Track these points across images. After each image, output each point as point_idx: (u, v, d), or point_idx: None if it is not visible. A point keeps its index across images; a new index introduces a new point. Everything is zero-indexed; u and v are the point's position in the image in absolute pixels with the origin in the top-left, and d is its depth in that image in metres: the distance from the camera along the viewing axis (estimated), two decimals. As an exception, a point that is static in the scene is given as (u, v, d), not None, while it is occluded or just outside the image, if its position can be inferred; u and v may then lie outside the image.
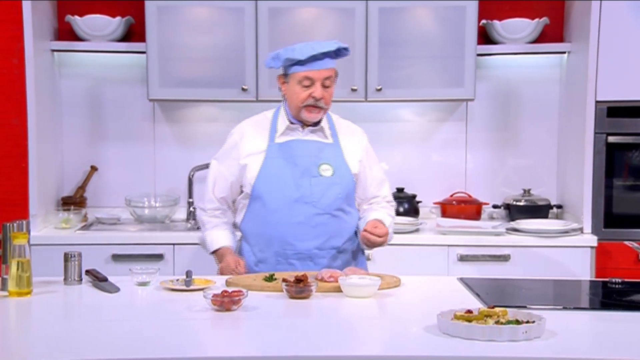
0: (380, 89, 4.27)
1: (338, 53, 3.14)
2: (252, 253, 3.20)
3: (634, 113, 4.12)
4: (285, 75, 3.14)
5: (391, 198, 3.33)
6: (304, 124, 3.17)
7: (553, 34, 4.53)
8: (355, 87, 4.26)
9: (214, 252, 3.23)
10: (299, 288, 2.66)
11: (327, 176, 3.13)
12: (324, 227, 3.12)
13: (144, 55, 4.30)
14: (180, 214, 4.54)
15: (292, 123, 3.16)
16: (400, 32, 4.25)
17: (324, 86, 3.08)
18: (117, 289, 2.79)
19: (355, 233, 3.22)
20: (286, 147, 3.15)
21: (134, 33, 4.52)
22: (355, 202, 3.24)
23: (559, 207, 4.49)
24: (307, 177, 3.12)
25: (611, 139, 4.14)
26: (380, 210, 3.22)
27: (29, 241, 2.74)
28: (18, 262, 2.68)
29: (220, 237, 3.22)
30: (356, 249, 3.24)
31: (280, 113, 3.20)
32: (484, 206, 4.54)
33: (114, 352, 2.13)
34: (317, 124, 3.18)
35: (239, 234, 3.29)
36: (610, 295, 2.85)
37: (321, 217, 3.11)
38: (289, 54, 3.08)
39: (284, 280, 2.71)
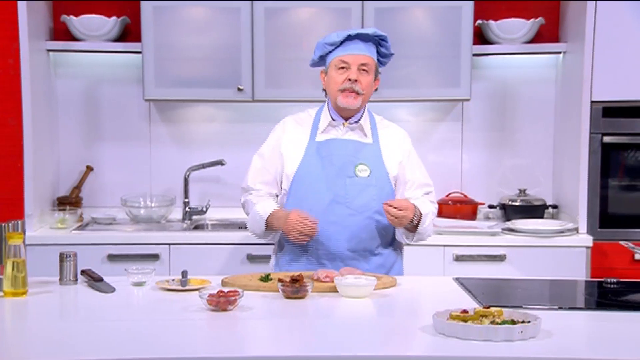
0: (376, 89, 4.25)
1: (380, 49, 3.16)
2: (285, 251, 3.20)
3: (630, 113, 4.13)
4: (326, 67, 3.16)
5: (434, 199, 3.24)
6: (344, 118, 3.16)
7: (548, 34, 4.54)
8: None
9: (267, 223, 3.09)
10: (295, 288, 2.66)
11: (363, 177, 3.10)
12: (357, 229, 3.09)
13: (139, 55, 4.30)
14: (176, 214, 4.54)
15: (333, 119, 3.16)
16: (396, 32, 4.24)
17: (361, 71, 3.09)
18: (112, 289, 2.78)
19: (394, 236, 3.18)
20: (325, 146, 3.14)
21: (130, 33, 4.51)
22: None
23: (555, 207, 4.50)
24: (343, 177, 3.10)
25: (607, 139, 4.14)
26: (420, 199, 3.14)
27: (24, 241, 2.73)
28: (13, 262, 2.67)
29: (269, 204, 3.13)
30: (393, 253, 3.20)
31: (323, 110, 3.21)
32: (479, 206, 4.54)
33: (109, 352, 2.13)
34: (357, 121, 3.17)
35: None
36: (606, 295, 2.85)
37: (354, 219, 3.09)
38: (326, 39, 3.13)
39: (280, 280, 2.71)
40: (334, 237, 3.09)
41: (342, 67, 3.10)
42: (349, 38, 3.11)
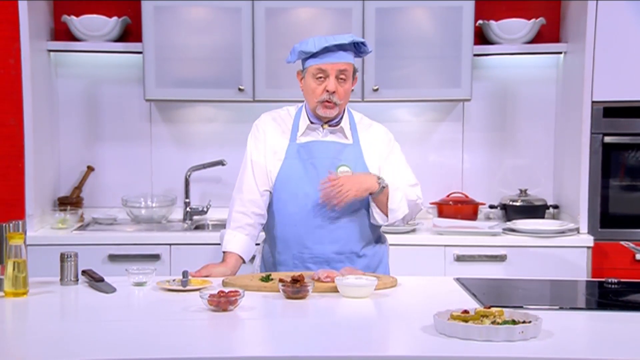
0: (377, 89, 4.27)
1: (358, 49, 3.10)
2: (271, 254, 3.19)
3: (630, 113, 4.13)
4: (303, 70, 3.12)
5: (419, 193, 3.14)
6: (323, 122, 3.13)
7: (549, 34, 4.54)
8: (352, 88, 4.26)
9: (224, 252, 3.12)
10: (296, 288, 2.66)
11: None
12: (342, 231, 3.08)
13: (140, 55, 4.30)
14: (177, 214, 4.54)
15: (312, 122, 3.13)
16: (396, 32, 4.25)
17: (339, 79, 3.05)
18: (113, 290, 2.78)
19: (378, 235, 3.18)
20: (305, 149, 3.11)
21: (131, 33, 4.52)
22: None
23: (556, 207, 4.50)
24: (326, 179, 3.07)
25: (607, 139, 4.14)
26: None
27: (25, 241, 2.73)
28: (14, 263, 2.67)
29: (233, 240, 3.10)
30: (378, 253, 3.19)
31: (302, 111, 3.17)
32: (480, 206, 4.54)
33: (110, 352, 2.13)
34: (337, 123, 3.14)
35: (263, 234, 3.24)
36: (607, 296, 2.85)
37: (339, 221, 3.07)
38: (302, 47, 3.06)
39: (281, 280, 2.71)
40: (320, 240, 3.08)
41: (320, 77, 3.05)
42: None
